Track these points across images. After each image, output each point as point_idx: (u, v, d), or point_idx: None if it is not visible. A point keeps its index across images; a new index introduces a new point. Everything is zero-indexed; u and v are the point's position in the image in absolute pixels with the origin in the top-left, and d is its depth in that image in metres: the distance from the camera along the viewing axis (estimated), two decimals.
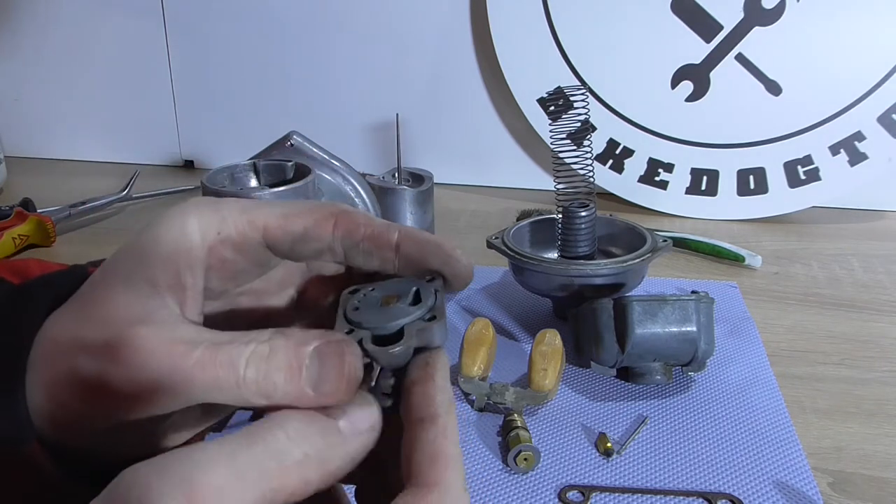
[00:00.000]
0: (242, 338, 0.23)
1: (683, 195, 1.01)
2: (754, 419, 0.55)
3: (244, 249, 0.27)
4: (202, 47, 1.21)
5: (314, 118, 1.17)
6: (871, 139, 0.93)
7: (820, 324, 0.70)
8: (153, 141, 1.28)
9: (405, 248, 0.27)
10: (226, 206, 0.27)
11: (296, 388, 0.22)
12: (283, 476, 0.20)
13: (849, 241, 0.92)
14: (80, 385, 0.24)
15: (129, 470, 0.19)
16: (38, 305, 0.26)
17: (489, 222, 0.98)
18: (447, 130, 1.15)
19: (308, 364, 0.22)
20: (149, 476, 0.19)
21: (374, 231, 0.27)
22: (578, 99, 0.70)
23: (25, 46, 1.27)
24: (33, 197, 0.95)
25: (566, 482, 0.48)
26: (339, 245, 0.27)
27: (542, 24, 1.01)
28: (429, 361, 0.25)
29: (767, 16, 0.93)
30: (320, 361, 0.22)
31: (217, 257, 0.27)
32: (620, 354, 0.56)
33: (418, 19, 1.10)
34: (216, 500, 0.19)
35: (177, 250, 0.26)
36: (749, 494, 0.47)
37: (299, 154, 0.67)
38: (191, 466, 0.19)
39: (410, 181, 0.77)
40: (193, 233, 0.26)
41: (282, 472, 0.20)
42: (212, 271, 0.27)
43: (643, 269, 0.65)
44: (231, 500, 0.19)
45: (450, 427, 0.24)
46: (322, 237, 0.27)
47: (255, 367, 0.22)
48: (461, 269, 0.27)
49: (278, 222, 0.27)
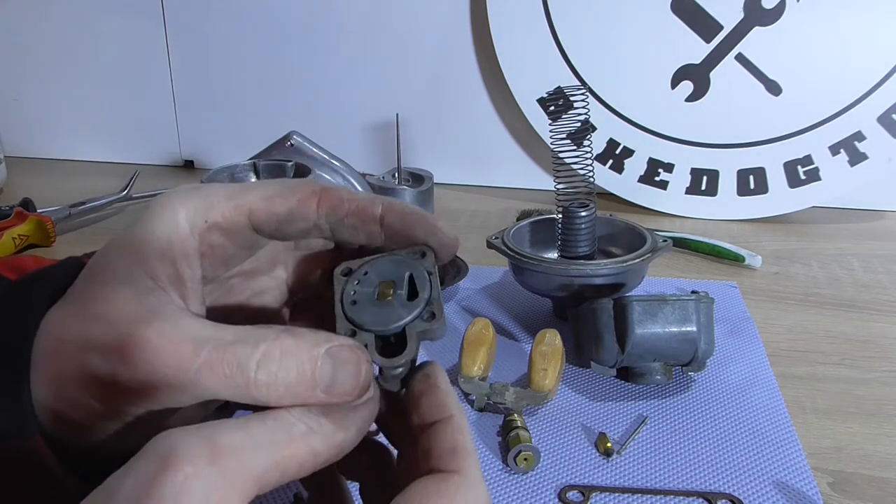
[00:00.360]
0: (250, 337, 0.23)
1: (683, 195, 1.01)
2: (754, 419, 0.55)
3: (232, 234, 0.28)
4: (202, 47, 1.21)
5: (314, 118, 1.17)
6: (871, 139, 0.93)
7: (820, 324, 0.70)
8: (153, 141, 1.28)
9: (389, 221, 0.28)
10: (211, 193, 0.27)
11: (307, 391, 0.23)
12: (293, 445, 0.22)
13: (849, 241, 0.92)
14: (91, 383, 0.24)
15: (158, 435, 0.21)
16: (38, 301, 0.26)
17: (489, 222, 0.98)
18: (447, 130, 1.15)
19: (320, 367, 0.23)
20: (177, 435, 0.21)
21: (357, 206, 0.27)
22: (578, 99, 0.70)
23: (25, 46, 1.27)
24: (33, 197, 0.95)
25: (566, 482, 0.48)
26: (325, 222, 0.28)
27: (542, 24, 1.01)
28: (429, 373, 0.27)
29: (767, 16, 0.93)
30: (334, 366, 0.23)
31: (207, 244, 0.27)
32: (620, 354, 0.56)
33: (418, 19, 1.10)
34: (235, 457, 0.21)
35: (170, 242, 0.26)
36: (749, 494, 0.47)
37: (299, 154, 0.67)
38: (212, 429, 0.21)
39: (410, 181, 0.77)
40: (182, 222, 0.26)
41: (291, 441, 0.22)
42: (204, 258, 0.27)
43: (643, 269, 0.65)
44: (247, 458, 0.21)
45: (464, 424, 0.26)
46: (307, 216, 0.27)
47: (265, 369, 0.23)
48: (446, 239, 0.28)
49: (263, 205, 0.27)
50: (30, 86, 1.30)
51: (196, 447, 0.20)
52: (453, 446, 0.24)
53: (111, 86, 1.27)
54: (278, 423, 0.22)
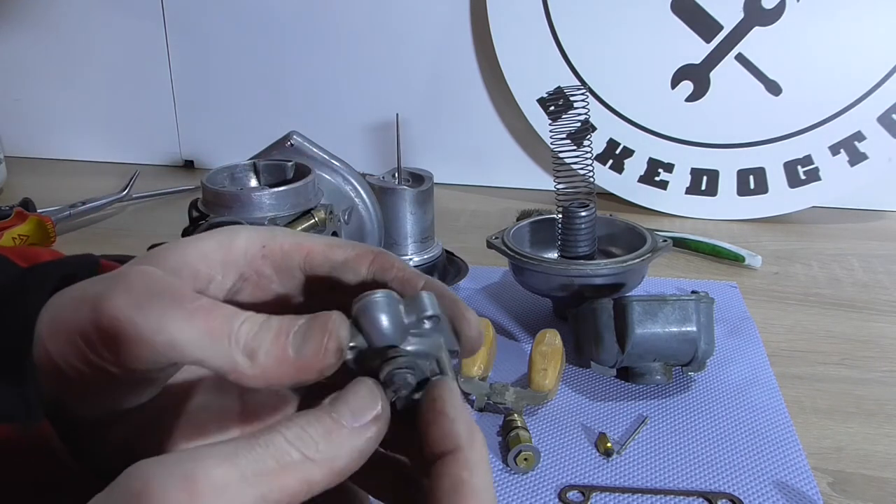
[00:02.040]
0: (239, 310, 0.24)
1: (683, 195, 1.01)
2: (754, 419, 0.55)
3: (282, 269, 0.29)
4: (202, 47, 1.21)
5: (314, 118, 1.17)
6: (871, 139, 0.93)
7: (820, 324, 0.70)
8: (153, 141, 1.28)
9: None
10: (277, 230, 0.30)
11: (279, 349, 0.23)
12: (284, 475, 0.21)
13: (849, 241, 0.92)
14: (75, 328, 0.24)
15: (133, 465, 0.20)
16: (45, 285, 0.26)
17: (489, 222, 0.98)
18: (447, 130, 1.15)
19: (296, 331, 0.23)
20: (152, 469, 0.19)
21: (404, 275, 0.28)
22: (578, 99, 0.70)
23: (26, 46, 1.27)
24: (33, 197, 0.95)
25: (566, 482, 0.48)
26: (371, 278, 0.29)
27: (542, 24, 1.01)
28: (436, 397, 0.24)
29: (767, 16, 0.93)
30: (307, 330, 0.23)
31: (254, 269, 0.29)
32: (620, 354, 0.56)
33: (418, 19, 1.10)
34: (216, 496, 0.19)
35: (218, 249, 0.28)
36: (749, 494, 0.47)
37: (299, 154, 0.67)
38: (193, 463, 0.20)
39: (410, 181, 0.77)
40: (240, 240, 0.28)
41: (282, 472, 0.21)
42: (245, 282, 0.29)
43: (643, 269, 0.65)
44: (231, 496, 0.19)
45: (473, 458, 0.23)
46: (358, 270, 0.29)
47: (248, 325, 0.23)
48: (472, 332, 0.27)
49: (322, 249, 0.29)
50: (30, 86, 1.30)
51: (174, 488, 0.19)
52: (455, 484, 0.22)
53: (111, 86, 1.27)
54: (269, 451, 0.21)
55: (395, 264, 0.29)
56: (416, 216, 0.75)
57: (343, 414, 0.22)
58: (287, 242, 0.29)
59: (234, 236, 0.28)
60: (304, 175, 0.62)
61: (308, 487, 0.21)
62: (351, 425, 0.22)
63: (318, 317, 0.24)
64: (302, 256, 0.29)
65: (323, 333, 0.23)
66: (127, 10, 1.21)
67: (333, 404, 0.23)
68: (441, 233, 0.80)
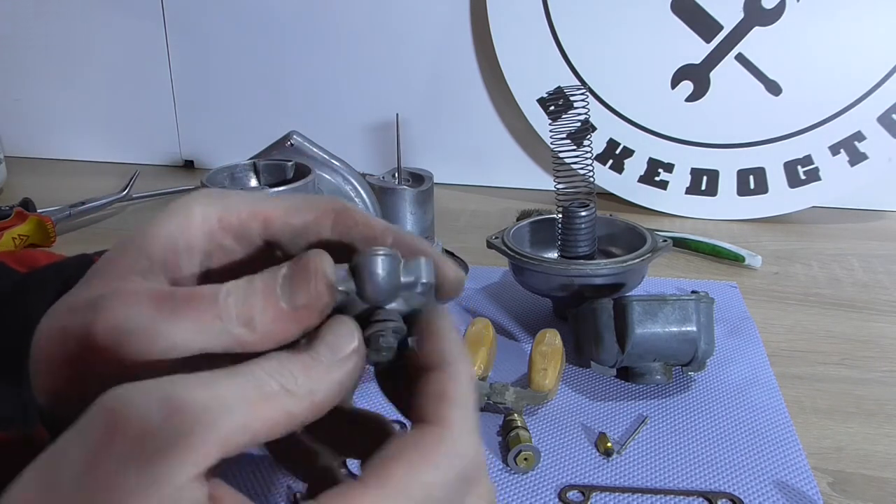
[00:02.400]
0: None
1: (683, 195, 1.01)
2: (754, 419, 0.55)
3: (243, 238, 0.28)
4: (202, 47, 1.21)
5: (314, 118, 1.17)
6: (871, 139, 0.93)
7: (820, 324, 0.70)
8: (153, 141, 1.28)
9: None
10: (231, 197, 0.28)
11: (272, 307, 0.23)
12: (264, 405, 0.20)
13: (849, 241, 0.92)
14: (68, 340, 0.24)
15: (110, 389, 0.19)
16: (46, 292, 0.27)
17: (489, 222, 0.98)
18: (447, 130, 1.15)
19: (281, 283, 0.23)
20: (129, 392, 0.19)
21: (369, 233, 0.28)
22: (578, 99, 0.70)
23: (26, 46, 1.27)
24: (33, 197, 0.95)
25: (566, 482, 0.48)
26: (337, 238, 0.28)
27: (542, 24, 1.01)
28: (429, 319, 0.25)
29: (767, 16, 0.93)
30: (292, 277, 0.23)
31: (216, 243, 0.28)
32: (620, 354, 0.56)
33: (418, 19, 1.10)
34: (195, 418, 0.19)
35: (176, 235, 0.27)
36: (749, 494, 0.47)
37: (299, 154, 0.67)
38: (172, 387, 0.19)
39: (410, 181, 0.77)
40: (195, 217, 0.27)
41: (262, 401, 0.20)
42: (209, 257, 0.28)
43: (643, 269, 0.65)
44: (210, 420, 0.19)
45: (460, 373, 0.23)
46: (320, 233, 0.28)
47: (234, 295, 0.23)
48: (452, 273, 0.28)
49: (281, 215, 0.28)
50: (30, 86, 1.30)
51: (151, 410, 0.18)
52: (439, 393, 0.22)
53: (111, 86, 1.27)
54: (248, 380, 0.20)
55: (359, 220, 0.28)
56: (416, 216, 0.75)
57: (320, 350, 0.22)
58: (244, 211, 0.28)
59: (189, 214, 0.27)
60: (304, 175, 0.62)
61: (288, 419, 0.21)
62: (329, 360, 0.22)
63: (299, 260, 0.24)
64: (260, 224, 0.28)
65: (308, 277, 0.23)
66: (127, 10, 1.21)
67: (310, 341, 0.23)
68: (441, 233, 0.80)
